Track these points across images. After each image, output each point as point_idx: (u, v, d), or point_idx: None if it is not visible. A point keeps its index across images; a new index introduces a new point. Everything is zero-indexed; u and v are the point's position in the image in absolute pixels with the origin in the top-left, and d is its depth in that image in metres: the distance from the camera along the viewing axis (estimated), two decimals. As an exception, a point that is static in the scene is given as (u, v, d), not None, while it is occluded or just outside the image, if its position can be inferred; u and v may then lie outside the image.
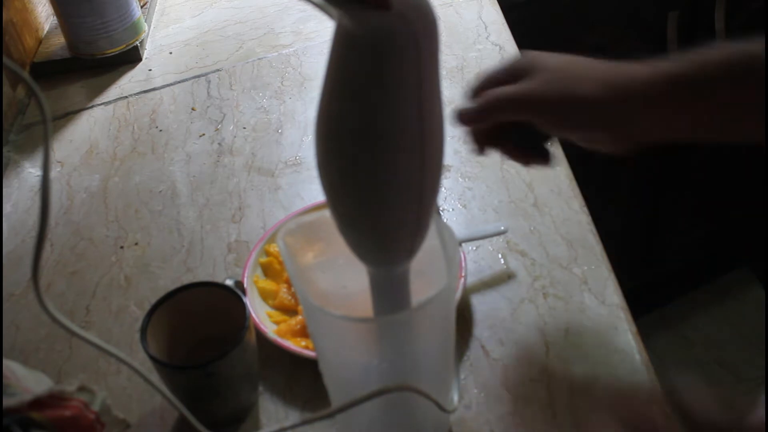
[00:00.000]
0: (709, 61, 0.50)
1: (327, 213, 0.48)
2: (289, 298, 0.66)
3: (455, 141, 0.85)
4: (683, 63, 0.51)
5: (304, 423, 0.52)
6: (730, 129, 0.52)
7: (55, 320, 0.39)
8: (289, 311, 0.66)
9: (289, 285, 0.67)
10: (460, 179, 0.80)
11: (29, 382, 0.43)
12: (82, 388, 0.45)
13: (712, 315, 1.75)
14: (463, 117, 0.57)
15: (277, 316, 0.66)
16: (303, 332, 0.63)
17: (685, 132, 0.53)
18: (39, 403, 0.41)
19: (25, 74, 0.34)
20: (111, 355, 0.45)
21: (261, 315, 0.65)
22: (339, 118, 0.39)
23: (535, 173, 0.78)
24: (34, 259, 0.35)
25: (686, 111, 0.51)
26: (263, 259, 0.70)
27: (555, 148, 0.67)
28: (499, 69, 0.57)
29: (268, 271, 0.69)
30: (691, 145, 0.88)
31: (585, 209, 0.74)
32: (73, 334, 0.40)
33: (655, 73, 0.51)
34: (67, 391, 0.44)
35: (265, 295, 0.67)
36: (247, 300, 0.58)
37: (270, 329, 0.63)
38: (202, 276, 0.73)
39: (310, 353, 0.60)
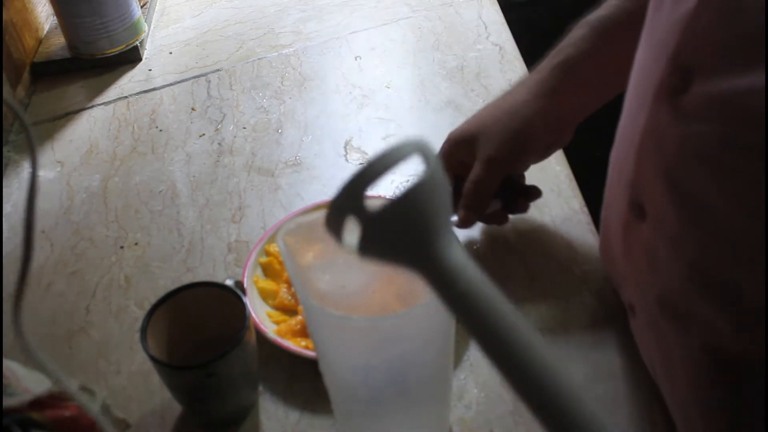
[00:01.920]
0: (572, 43, 0.63)
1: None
2: (289, 298, 0.66)
3: (455, 141, 0.85)
4: (558, 54, 0.63)
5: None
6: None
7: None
8: (289, 311, 0.66)
9: (289, 285, 0.67)
10: (460, 179, 0.80)
11: (29, 382, 0.43)
12: (82, 389, 0.45)
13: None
14: (465, 224, 0.66)
15: (277, 316, 0.66)
16: (303, 332, 0.63)
17: (592, 98, 0.65)
18: (39, 403, 0.41)
19: (12, 100, 0.33)
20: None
21: (261, 315, 0.65)
22: None
23: (535, 173, 0.78)
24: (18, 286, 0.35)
25: (579, 84, 0.63)
26: (263, 259, 0.70)
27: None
28: (447, 152, 0.68)
29: (268, 271, 0.69)
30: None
31: (585, 209, 0.74)
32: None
33: (542, 71, 0.64)
34: (63, 392, 0.43)
35: (265, 295, 0.67)
36: (247, 300, 0.58)
37: (270, 329, 0.63)
38: (202, 276, 0.73)
39: (310, 353, 0.60)
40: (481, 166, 0.64)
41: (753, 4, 0.36)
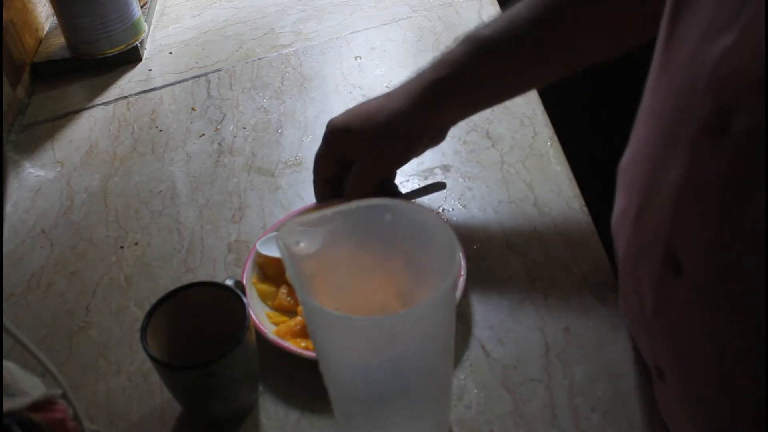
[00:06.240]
0: (455, 59, 0.66)
1: (327, 213, 0.48)
2: (289, 299, 0.66)
3: (455, 141, 0.85)
4: (440, 68, 0.66)
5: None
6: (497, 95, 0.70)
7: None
8: (289, 312, 0.66)
9: (289, 285, 0.67)
10: (460, 179, 0.80)
11: (26, 383, 0.43)
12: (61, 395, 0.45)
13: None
14: None
15: (276, 317, 0.66)
16: (302, 333, 0.63)
17: (469, 111, 0.70)
18: (36, 405, 0.41)
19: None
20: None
21: (260, 316, 0.65)
22: None
23: (535, 173, 0.78)
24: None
25: (457, 101, 0.67)
26: (262, 260, 0.69)
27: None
28: (332, 143, 0.71)
29: (267, 271, 0.69)
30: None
31: (585, 209, 0.74)
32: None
33: (423, 83, 0.67)
34: (54, 395, 0.44)
35: (264, 296, 0.67)
36: (247, 300, 0.58)
37: (269, 330, 0.63)
38: (202, 276, 0.73)
39: (310, 354, 0.60)
40: (363, 168, 0.69)
41: None
